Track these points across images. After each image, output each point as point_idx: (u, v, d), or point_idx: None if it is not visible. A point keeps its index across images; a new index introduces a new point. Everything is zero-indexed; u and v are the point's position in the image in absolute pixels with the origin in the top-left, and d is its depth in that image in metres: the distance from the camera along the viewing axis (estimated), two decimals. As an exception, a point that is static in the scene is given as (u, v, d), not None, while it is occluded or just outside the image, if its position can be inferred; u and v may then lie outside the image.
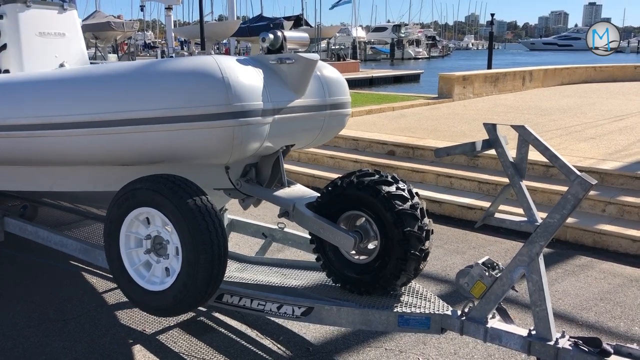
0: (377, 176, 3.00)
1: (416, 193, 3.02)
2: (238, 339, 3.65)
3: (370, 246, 3.10)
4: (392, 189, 2.92)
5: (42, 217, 5.17)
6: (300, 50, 3.23)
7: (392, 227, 2.86)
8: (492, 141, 2.77)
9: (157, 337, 3.66)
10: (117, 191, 3.14)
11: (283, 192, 3.38)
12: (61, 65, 4.88)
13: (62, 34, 5.19)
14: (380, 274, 2.97)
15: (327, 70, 3.51)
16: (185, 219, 2.83)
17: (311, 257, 4.17)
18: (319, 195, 3.21)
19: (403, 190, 2.95)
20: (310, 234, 3.23)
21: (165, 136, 3.01)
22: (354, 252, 3.08)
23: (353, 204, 3.02)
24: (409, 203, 2.90)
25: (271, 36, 3.14)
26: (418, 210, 2.91)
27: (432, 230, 3.01)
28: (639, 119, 10.05)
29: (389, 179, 2.99)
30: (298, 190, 3.46)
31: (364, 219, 3.06)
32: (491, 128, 2.77)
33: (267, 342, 3.61)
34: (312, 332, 3.72)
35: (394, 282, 2.97)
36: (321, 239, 3.15)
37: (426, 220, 2.96)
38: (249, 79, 2.96)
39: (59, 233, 4.24)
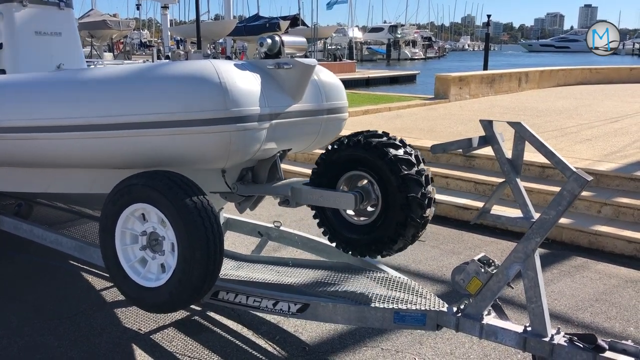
0: (385, 138, 2.97)
1: (423, 159, 3.00)
2: (234, 339, 3.63)
3: (370, 209, 3.08)
4: (400, 152, 2.90)
5: (37, 215, 5.15)
6: (297, 55, 3.23)
7: (395, 190, 2.84)
8: (489, 138, 2.77)
9: (152, 337, 3.64)
10: (113, 187, 3.13)
11: (278, 183, 3.41)
12: (58, 66, 4.88)
13: (59, 33, 5.18)
14: (378, 237, 2.95)
15: (324, 75, 3.51)
16: (180, 215, 2.83)
17: (307, 256, 4.19)
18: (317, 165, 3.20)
19: (410, 155, 2.93)
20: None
21: (161, 141, 3.01)
22: (353, 212, 3.07)
23: (358, 164, 3.00)
24: (415, 169, 2.88)
25: (269, 41, 3.14)
26: (423, 177, 2.89)
27: (435, 198, 3.00)
28: (634, 120, 10.09)
29: (397, 142, 2.97)
30: (292, 180, 3.49)
31: (366, 181, 3.04)
32: (487, 124, 2.77)
33: (262, 341, 3.60)
34: (308, 331, 3.71)
35: (391, 246, 2.96)
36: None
37: (430, 187, 2.95)
38: (246, 84, 2.96)
39: (54, 231, 4.22)
